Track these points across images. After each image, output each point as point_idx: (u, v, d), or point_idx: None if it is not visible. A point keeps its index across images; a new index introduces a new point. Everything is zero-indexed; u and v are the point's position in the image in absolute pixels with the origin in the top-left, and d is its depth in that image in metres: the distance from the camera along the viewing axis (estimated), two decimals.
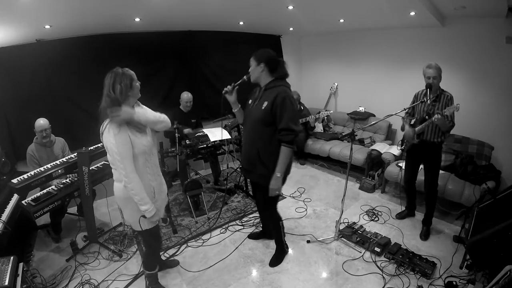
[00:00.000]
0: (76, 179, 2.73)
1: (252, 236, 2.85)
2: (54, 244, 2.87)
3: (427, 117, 2.51)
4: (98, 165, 2.96)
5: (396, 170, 3.41)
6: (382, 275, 2.32)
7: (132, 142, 1.68)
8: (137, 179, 1.69)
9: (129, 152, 1.66)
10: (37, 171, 2.49)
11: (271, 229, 2.53)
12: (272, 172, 2.06)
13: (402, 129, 2.82)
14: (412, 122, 2.70)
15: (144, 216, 1.78)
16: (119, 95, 1.63)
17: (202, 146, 3.30)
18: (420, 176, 2.88)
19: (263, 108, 2.02)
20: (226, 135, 3.36)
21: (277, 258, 2.54)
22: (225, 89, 2.14)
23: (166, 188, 2.08)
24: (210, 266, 2.51)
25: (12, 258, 1.75)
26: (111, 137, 1.63)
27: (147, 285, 2.19)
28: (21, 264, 1.84)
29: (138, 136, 1.73)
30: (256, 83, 2.14)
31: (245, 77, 2.10)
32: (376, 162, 3.94)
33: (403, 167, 3.00)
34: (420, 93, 2.68)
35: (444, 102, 2.48)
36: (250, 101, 2.21)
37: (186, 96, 3.76)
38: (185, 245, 2.78)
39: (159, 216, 1.88)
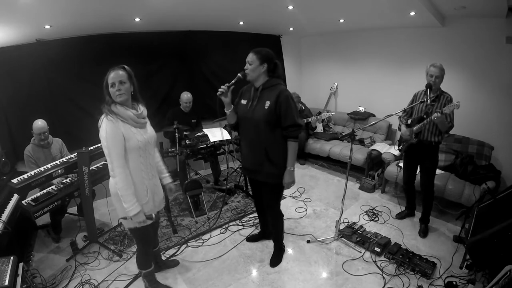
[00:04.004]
0: (76, 179, 2.73)
1: (250, 239, 2.84)
2: (54, 244, 2.87)
3: (425, 115, 2.51)
4: (98, 165, 2.96)
5: (396, 170, 3.41)
6: (382, 275, 2.32)
7: (125, 136, 1.68)
8: (123, 175, 1.68)
9: (119, 146, 1.66)
10: (37, 171, 2.49)
11: (273, 226, 2.51)
12: (281, 169, 2.11)
13: (399, 129, 2.82)
14: (409, 122, 2.70)
15: (124, 218, 1.75)
16: (104, 90, 1.72)
17: (202, 146, 3.30)
18: (419, 176, 2.88)
19: (266, 107, 2.01)
20: (226, 135, 3.36)
21: (277, 257, 2.54)
22: (220, 90, 2.05)
23: (163, 192, 2.03)
24: (210, 266, 2.51)
25: (12, 258, 1.75)
26: (103, 130, 1.66)
27: (146, 286, 2.17)
28: (21, 264, 1.84)
29: (134, 131, 1.73)
30: (248, 82, 2.11)
31: (239, 74, 2.04)
32: (376, 162, 3.94)
33: (403, 167, 3.00)
34: (420, 93, 2.67)
35: (443, 103, 2.48)
36: (243, 101, 2.16)
37: (185, 96, 3.76)
38: (185, 245, 2.78)
39: (144, 217, 1.76)
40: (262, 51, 2.02)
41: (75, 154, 2.60)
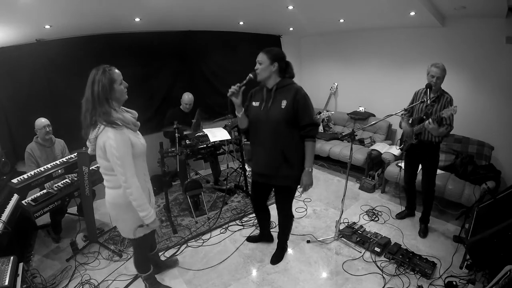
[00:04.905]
0: (76, 179, 2.72)
1: (251, 239, 2.84)
2: (54, 244, 2.87)
3: (424, 117, 2.51)
4: (98, 165, 2.95)
5: (396, 170, 3.41)
6: (382, 275, 2.32)
7: (132, 142, 1.62)
8: (137, 184, 1.61)
9: (130, 155, 1.59)
10: (37, 171, 2.49)
11: (283, 226, 2.49)
12: (297, 170, 2.07)
13: (400, 126, 2.83)
14: (410, 121, 2.71)
15: (141, 225, 1.71)
16: (96, 98, 1.54)
17: (202, 146, 3.30)
18: (420, 176, 2.88)
19: (283, 107, 1.96)
20: (226, 135, 3.36)
21: (279, 255, 2.55)
22: (231, 90, 1.95)
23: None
24: (210, 266, 2.51)
25: (12, 258, 1.75)
26: (111, 139, 1.52)
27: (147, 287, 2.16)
28: (21, 264, 1.85)
29: (138, 137, 1.71)
30: (259, 83, 2.07)
31: (250, 75, 1.99)
32: (376, 162, 3.94)
33: (403, 167, 3.00)
34: (421, 91, 2.67)
35: (443, 104, 2.47)
36: (255, 103, 2.09)
37: (187, 97, 3.74)
38: (185, 245, 2.78)
39: (157, 222, 1.77)
40: (272, 50, 2.00)
41: (75, 154, 2.60)
